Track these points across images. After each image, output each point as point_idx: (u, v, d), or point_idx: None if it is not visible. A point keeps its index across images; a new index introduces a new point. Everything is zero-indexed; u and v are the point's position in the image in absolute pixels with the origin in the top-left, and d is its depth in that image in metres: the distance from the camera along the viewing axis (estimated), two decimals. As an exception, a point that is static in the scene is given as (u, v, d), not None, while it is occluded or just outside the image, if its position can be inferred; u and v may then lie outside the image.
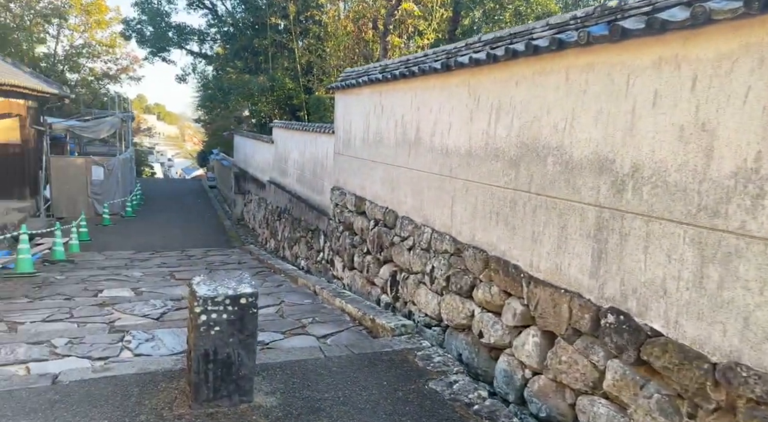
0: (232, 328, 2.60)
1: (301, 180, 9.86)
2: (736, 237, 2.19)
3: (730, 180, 2.22)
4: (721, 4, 2.17)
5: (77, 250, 10.17)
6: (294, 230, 9.72)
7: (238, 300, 2.63)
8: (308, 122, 12.27)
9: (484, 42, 4.14)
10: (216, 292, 2.62)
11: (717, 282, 2.26)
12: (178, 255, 9.78)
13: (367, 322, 4.08)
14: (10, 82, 9.65)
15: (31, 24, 22.96)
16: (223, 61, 19.24)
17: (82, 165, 15.51)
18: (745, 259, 2.15)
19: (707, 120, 2.32)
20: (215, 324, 2.58)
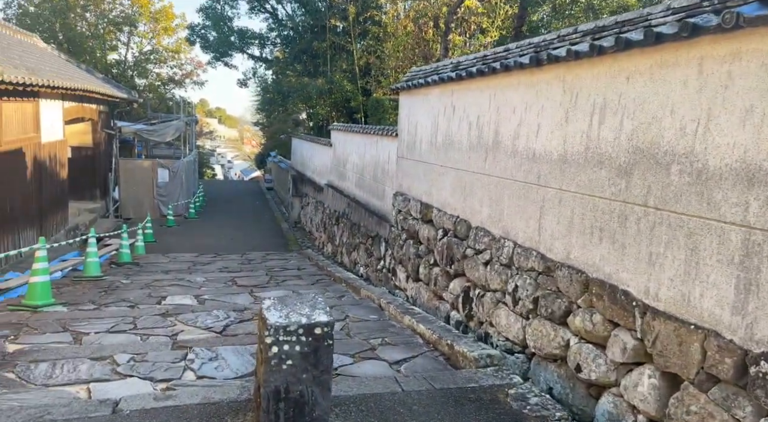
0: (306, 363, 2.26)
1: (361, 184, 9.58)
2: None
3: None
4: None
5: (143, 252, 10.37)
6: (353, 236, 9.45)
7: (313, 330, 2.28)
8: (366, 124, 12.05)
9: (583, 32, 3.63)
10: (288, 320, 2.29)
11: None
12: (238, 259, 9.75)
13: (444, 347, 3.67)
14: (83, 87, 10.00)
15: (104, 32, 24.18)
16: (283, 64, 19.43)
17: (148, 167, 16.03)
18: None
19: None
20: (287, 357, 2.25)
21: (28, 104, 8.84)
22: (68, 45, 22.56)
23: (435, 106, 6.03)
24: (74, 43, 22.81)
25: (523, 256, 4.05)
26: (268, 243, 12.90)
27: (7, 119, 7.91)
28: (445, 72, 5.72)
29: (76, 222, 12.35)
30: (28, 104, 8.87)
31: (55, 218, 10.35)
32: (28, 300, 4.99)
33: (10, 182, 8.13)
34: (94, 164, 14.60)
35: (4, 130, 7.75)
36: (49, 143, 10.06)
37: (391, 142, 7.86)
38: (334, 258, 10.79)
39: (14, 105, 8.21)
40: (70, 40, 22.94)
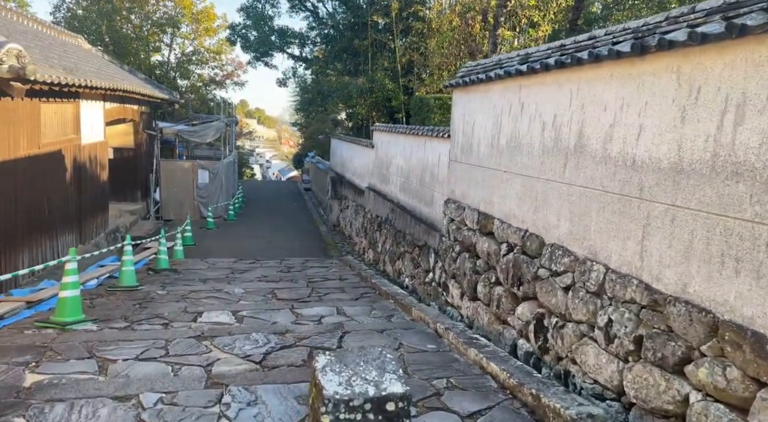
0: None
1: (406, 188, 8.99)
2: None
3: None
4: None
5: (181, 257, 10.10)
6: (397, 244, 8.87)
7: (384, 405, 1.70)
8: (407, 124, 11.43)
9: (706, 11, 2.92)
10: (351, 390, 1.70)
11: None
12: (277, 266, 9.34)
13: (526, 397, 3.03)
14: (123, 87, 9.83)
15: (148, 34, 24.48)
16: (322, 64, 19.06)
17: (189, 168, 15.93)
18: None
19: None
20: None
21: (68, 105, 8.68)
22: (114, 47, 22.92)
23: (498, 103, 5.37)
24: (119, 44, 23.16)
25: (618, 284, 3.36)
26: (306, 248, 12.48)
27: (46, 121, 7.73)
28: (512, 65, 5.05)
29: (117, 224, 12.27)
30: (68, 105, 8.71)
31: (94, 221, 10.22)
32: (57, 317, 4.64)
33: (49, 185, 7.95)
34: (135, 165, 14.57)
35: (43, 132, 7.56)
36: (90, 144, 9.92)
37: (442, 144, 7.24)
38: (376, 267, 10.24)
39: (54, 106, 8.03)
40: (115, 43, 23.31)
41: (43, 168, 7.69)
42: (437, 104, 11.88)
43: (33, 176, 7.28)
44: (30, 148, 7.10)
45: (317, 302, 6.05)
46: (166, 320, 4.98)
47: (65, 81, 6.55)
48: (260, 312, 5.38)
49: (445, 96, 12.27)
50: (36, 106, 7.19)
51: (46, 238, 7.73)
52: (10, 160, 6.46)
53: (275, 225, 15.66)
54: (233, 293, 6.47)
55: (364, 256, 11.47)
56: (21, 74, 4.95)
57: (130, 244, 6.75)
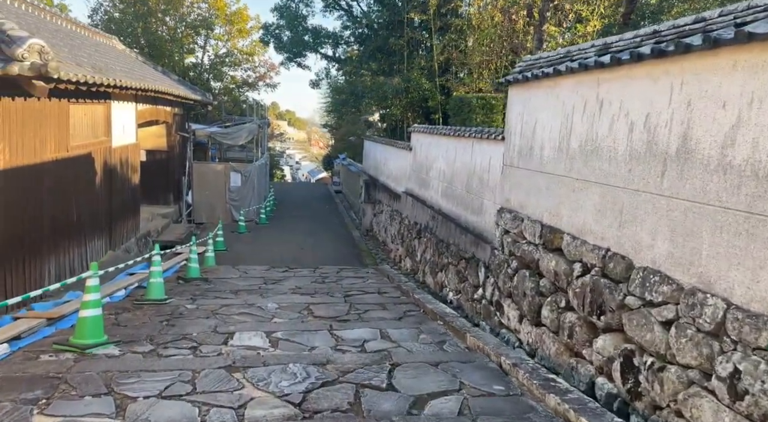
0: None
1: (449, 194, 8.36)
2: None
3: None
4: None
5: (213, 263, 9.72)
6: (439, 254, 8.24)
7: None
8: (444, 125, 10.79)
9: None
10: None
11: None
12: (310, 275, 8.85)
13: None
14: (155, 88, 9.53)
15: (182, 36, 24.53)
16: (356, 63, 18.58)
17: (221, 171, 15.67)
18: None
19: None
20: None
21: (98, 106, 8.40)
22: (149, 49, 23.03)
23: (568, 101, 4.70)
24: (154, 46, 23.25)
25: (748, 326, 2.66)
26: (340, 254, 11.98)
27: (75, 122, 7.44)
28: (587, 56, 4.37)
29: (148, 228, 12.02)
30: (99, 106, 8.44)
31: (125, 225, 9.96)
32: (77, 339, 4.21)
33: (78, 189, 7.66)
34: (167, 167, 14.38)
35: (72, 134, 7.26)
36: (121, 147, 9.66)
37: (493, 147, 6.59)
38: (415, 277, 9.64)
39: (83, 107, 7.75)
40: (150, 44, 23.43)
41: (72, 171, 7.39)
42: (480, 104, 11.21)
43: (61, 180, 6.97)
44: (58, 150, 6.79)
45: (357, 321, 5.49)
46: (195, 342, 4.50)
47: (92, 80, 6.20)
48: (296, 333, 4.86)
49: (488, 95, 11.58)
50: (64, 107, 6.89)
51: (74, 245, 7.43)
52: (36, 163, 6.15)
53: (307, 229, 15.24)
54: (266, 308, 5.98)
55: (401, 265, 10.88)
56: (43, 72, 4.58)
57: (159, 254, 6.33)
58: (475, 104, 11.32)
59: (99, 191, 8.50)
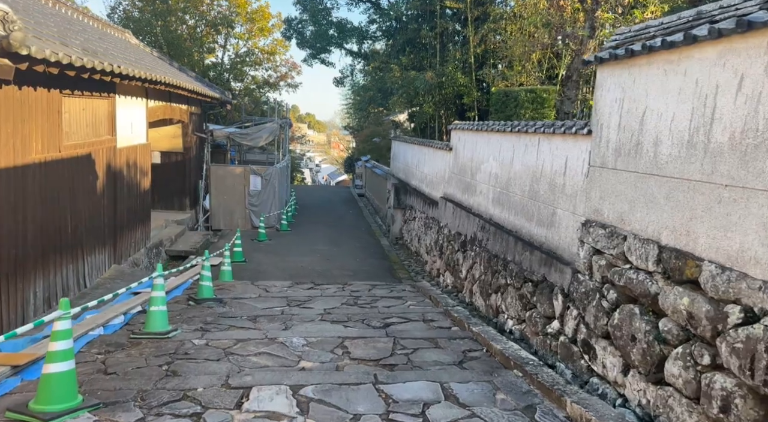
0: None
1: (504, 202, 7.08)
2: None
3: None
4: None
5: (229, 278, 8.62)
6: (493, 272, 6.97)
7: None
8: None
9: None
10: None
11: None
12: (340, 294, 7.67)
13: None
14: (166, 81, 8.50)
15: (202, 35, 23.72)
16: (384, 58, 17.41)
17: (240, 174, 14.65)
18: None
19: None
20: None
21: (100, 101, 7.38)
22: (168, 48, 22.28)
23: (707, 77, 3.40)
24: (173, 45, 22.48)
25: None
26: (370, 267, 10.79)
27: (71, 118, 6.41)
28: (749, 11, 3.08)
29: (161, 237, 11.01)
30: (101, 101, 7.41)
31: (133, 235, 8.93)
32: (39, 403, 3.08)
33: (74, 195, 6.61)
34: (183, 170, 13.40)
35: (66, 131, 6.22)
36: (128, 147, 8.63)
37: (570, 144, 5.31)
38: (458, 296, 8.38)
39: (81, 101, 6.72)
40: (169, 43, 22.67)
41: (66, 175, 6.35)
42: (529, 98, 9.90)
43: (51, 185, 5.93)
44: (47, 150, 5.75)
45: (408, 368, 4.27)
46: (199, 404, 3.34)
47: (80, 63, 5.12)
48: (331, 389, 3.66)
49: (538, 88, 10.26)
50: (55, 100, 5.85)
51: (68, 261, 6.38)
52: (16, 166, 5.10)
53: (332, 237, 14.09)
54: (291, 345, 4.80)
55: (439, 280, 9.62)
56: (4, 45, 3.50)
57: (162, 275, 5.20)
58: (524, 98, 10.02)
59: (101, 197, 7.47)
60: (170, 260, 10.86)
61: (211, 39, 24.61)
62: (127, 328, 5.36)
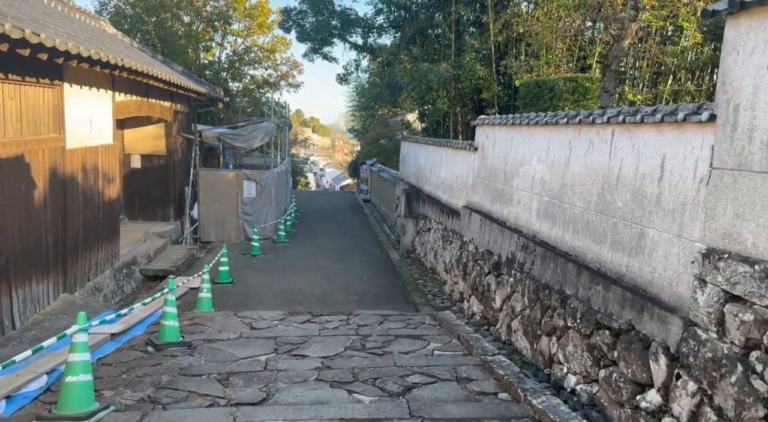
0: None
1: (556, 215, 5.49)
2: None
3: None
4: None
5: (208, 308, 7.07)
6: (543, 308, 5.36)
7: None
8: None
9: None
10: None
11: None
12: (343, 330, 6.11)
13: None
14: (132, 67, 6.93)
15: (199, 32, 22.29)
16: (393, 50, 15.84)
17: (232, 180, 13.10)
18: None
19: None
20: None
21: (39, 89, 5.85)
22: (162, 46, 20.86)
23: None
24: (166, 41, 21.07)
25: None
26: (378, 288, 9.20)
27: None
28: None
29: (136, 253, 9.46)
30: (40, 89, 5.89)
31: (92, 256, 7.38)
32: None
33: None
34: (167, 176, 11.87)
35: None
36: (85, 149, 7.10)
37: (671, 136, 3.72)
38: (490, 331, 6.77)
39: (7, 88, 5.19)
40: (162, 39, 21.26)
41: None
42: (568, 87, 8.32)
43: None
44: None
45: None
46: None
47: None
48: None
49: (580, 76, 8.67)
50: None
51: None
52: None
53: (335, 250, 12.51)
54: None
55: (463, 306, 8.02)
56: None
57: (84, 330, 3.61)
58: (562, 88, 8.43)
59: (41, 211, 5.93)
60: (146, 281, 9.32)
61: (208, 37, 23.17)
62: (35, 406, 3.77)
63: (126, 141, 11.51)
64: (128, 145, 11.55)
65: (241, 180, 13.07)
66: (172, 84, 9.54)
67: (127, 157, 11.58)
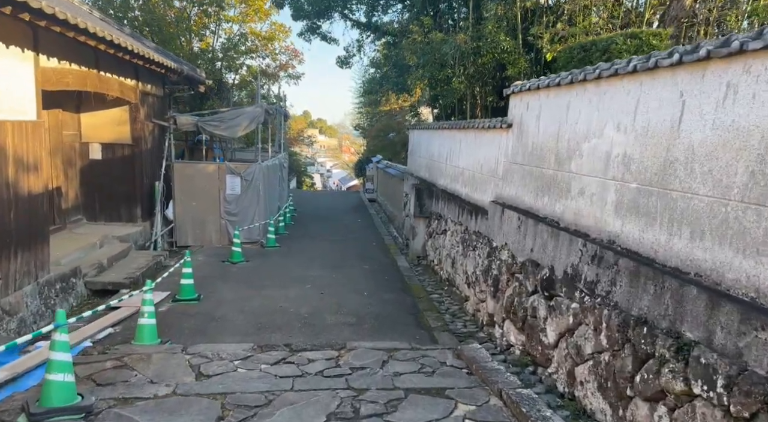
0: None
1: (653, 210, 3.57)
2: None
3: None
4: None
5: (150, 340, 5.24)
6: (635, 354, 3.41)
7: None
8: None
9: None
10: None
11: None
12: (329, 381, 4.23)
13: None
14: (65, 19, 5.04)
15: (190, 17, 20.52)
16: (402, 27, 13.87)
17: (213, 173, 11.25)
18: None
19: None
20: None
21: None
22: (150, 33, 19.13)
23: None
24: (153, 27, 19.34)
25: None
26: (382, 306, 7.29)
27: None
28: None
29: (83, 262, 7.65)
30: None
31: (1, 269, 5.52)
32: None
33: None
34: (133, 169, 10.04)
35: None
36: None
37: None
38: (535, 372, 4.84)
39: None
40: (150, 26, 19.54)
41: None
42: (630, 46, 6.36)
43: None
44: None
45: None
46: None
47: None
48: None
49: (645, 31, 6.70)
50: None
51: None
52: None
53: (332, 255, 10.63)
54: None
55: (493, 332, 6.08)
56: None
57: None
58: (621, 47, 6.46)
59: None
60: (92, 296, 7.47)
61: (201, 23, 21.38)
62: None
63: (83, 127, 9.71)
64: (86, 132, 9.75)
65: (223, 174, 11.22)
66: (126, 50, 7.69)
67: (84, 146, 9.77)
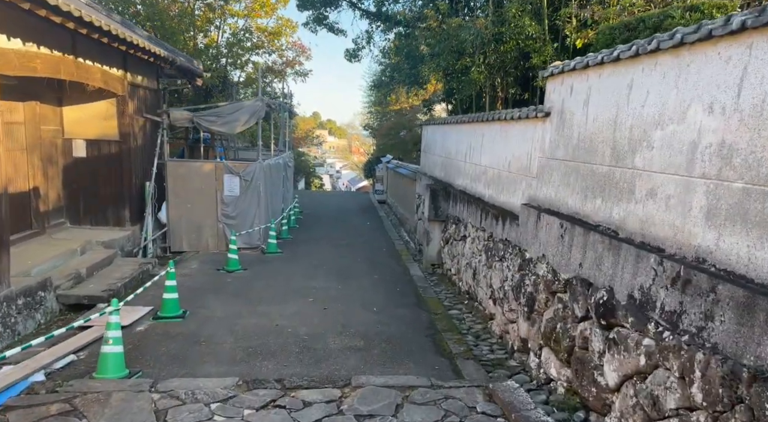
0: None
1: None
2: None
3: None
4: None
5: (115, 372, 4.34)
6: (751, 421, 2.37)
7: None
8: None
9: None
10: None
11: None
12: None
13: None
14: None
15: (193, 11, 19.72)
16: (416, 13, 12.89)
17: (210, 173, 10.36)
18: None
19: None
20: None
21: None
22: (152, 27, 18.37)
23: None
24: (154, 20, 18.57)
25: None
26: (394, 326, 6.32)
27: None
28: None
29: (60, 271, 6.79)
30: None
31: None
32: None
33: None
34: (121, 168, 9.18)
35: None
36: None
37: None
38: (587, 418, 3.83)
39: None
40: (152, 19, 18.77)
41: None
42: (689, 21, 5.34)
43: None
44: None
45: None
46: None
47: None
48: None
49: (706, 3, 5.66)
50: None
51: None
52: None
53: (339, 263, 9.70)
54: None
55: (527, 361, 5.08)
56: None
57: None
58: (677, 22, 5.43)
59: None
60: (65, 311, 6.59)
61: (206, 18, 20.60)
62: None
63: (66, 121, 8.86)
64: (69, 127, 8.90)
65: (220, 173, 10.33)
66: (107, 33, 6.81)
67: (67, 143, 8.92)
